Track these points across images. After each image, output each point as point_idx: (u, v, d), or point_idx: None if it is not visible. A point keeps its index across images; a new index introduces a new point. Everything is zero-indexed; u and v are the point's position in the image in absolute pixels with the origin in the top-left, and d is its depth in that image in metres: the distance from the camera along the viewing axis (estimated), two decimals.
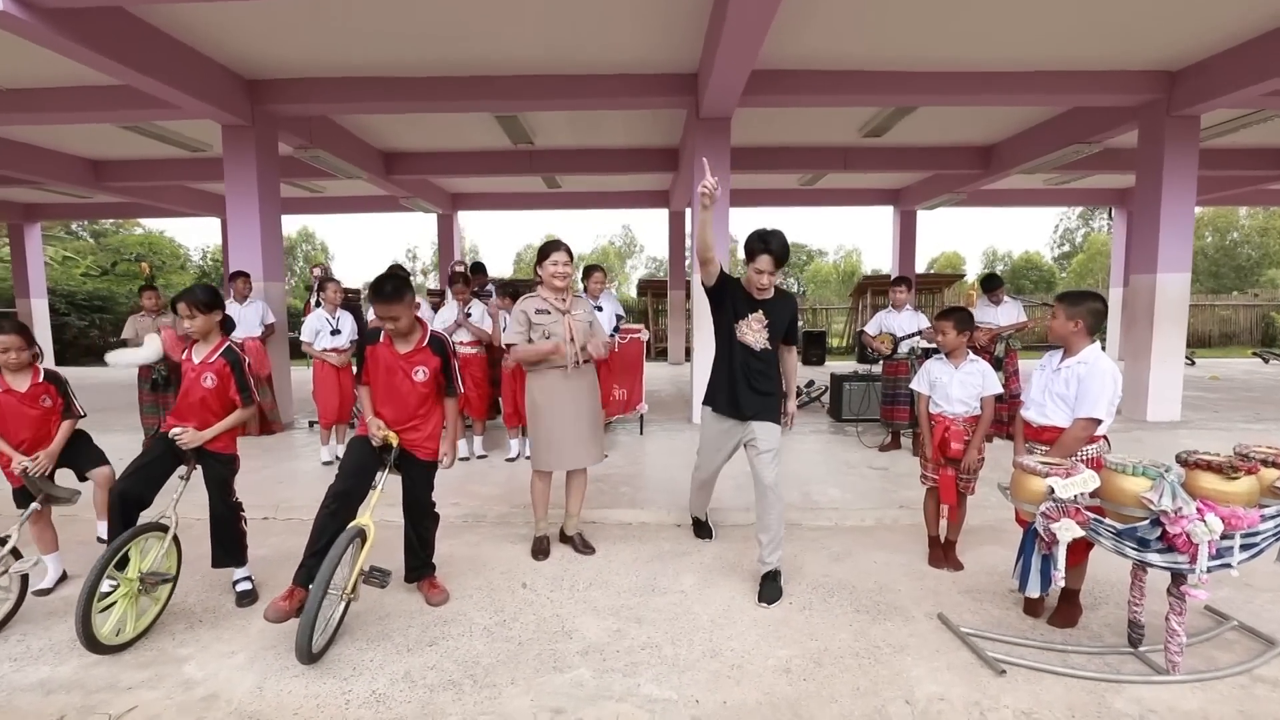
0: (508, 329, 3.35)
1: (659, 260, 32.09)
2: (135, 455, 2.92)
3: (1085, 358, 2.58)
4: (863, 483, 4.62)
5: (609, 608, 2.87)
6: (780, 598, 2.91)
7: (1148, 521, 2.14)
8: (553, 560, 3.40)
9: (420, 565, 3.00)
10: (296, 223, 38.29)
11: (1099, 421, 2.48)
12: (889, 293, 5.79)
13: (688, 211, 12.10)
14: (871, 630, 2.66)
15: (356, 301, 7.30)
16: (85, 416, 3.16)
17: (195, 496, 2.88)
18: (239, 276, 6.26)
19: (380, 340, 2.83)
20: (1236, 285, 25.32)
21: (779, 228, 2.93)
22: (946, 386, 3.17)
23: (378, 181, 9.83)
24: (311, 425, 6.49)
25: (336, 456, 5.19)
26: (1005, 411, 5.37)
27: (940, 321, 3.25)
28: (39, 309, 13.58)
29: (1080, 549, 2.47)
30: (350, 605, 2.65)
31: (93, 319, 16.93)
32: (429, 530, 3.00)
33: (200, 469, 2.91)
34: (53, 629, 2.72)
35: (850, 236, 54.76)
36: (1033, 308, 16.43)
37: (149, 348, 5.76)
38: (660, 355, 15.34)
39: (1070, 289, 2.93)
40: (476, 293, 5.79)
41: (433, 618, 2.79)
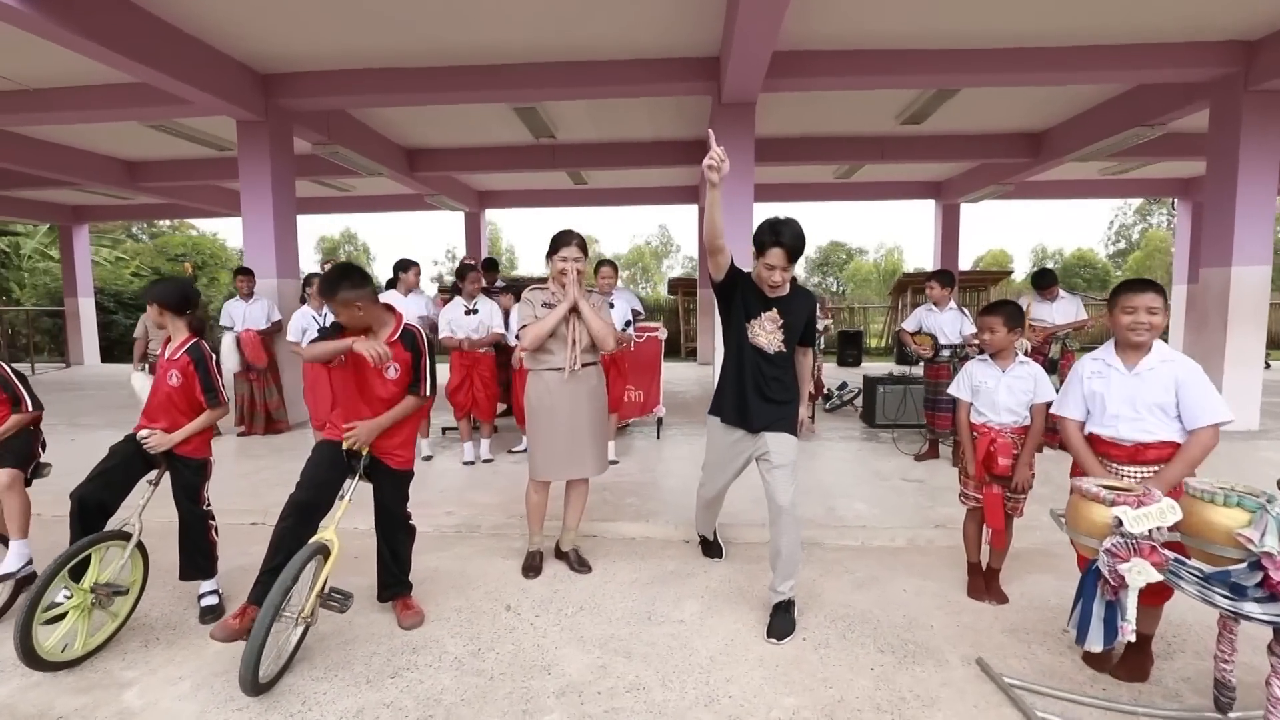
0: (519, 318, 3.08)
1: (694, 259, 31.70)
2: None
3: (1166, 355, 2.19)
4: (895, 496, 4.20)
5: (597, 638, 2.56)
6: (792, 632, 2.55)
7: (1245, 564, 1.72)
8: (544, 579, 3.10)
9: (394, 583, 2.74)
10: (339, 223, 39.41)
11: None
12: (926, 288, 5.27)
13: None
14: (897, 677, 2.28)
15: None
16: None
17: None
18: (243, 274, 6.18)
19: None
20: None
21: (793, 217, 2.56)
22: (992, 392, 2.75)
23: (401, 179, 9.76)
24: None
25: None
26: (1057, 419, 4.86)
27: (987, 318, 2.81)
28: (85, 307, 14.04)
29: (1156, 592, 2.05)
30: (310, 628, 2.41)
31: (138, 316, 17.48)
32: (404, 545, 2.75)
33: (169, 474, 2.72)
34: (6, 644, 2.55)
35: (891, 233, 53.28)
36: (1094, 305, 15.43)
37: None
38: (690, 355, 14.97)
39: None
40: (486, 290, 5.57)
41: (402, 643, 2.53)
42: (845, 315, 18.20)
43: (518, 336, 3.13)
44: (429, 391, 2.64)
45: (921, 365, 5.31)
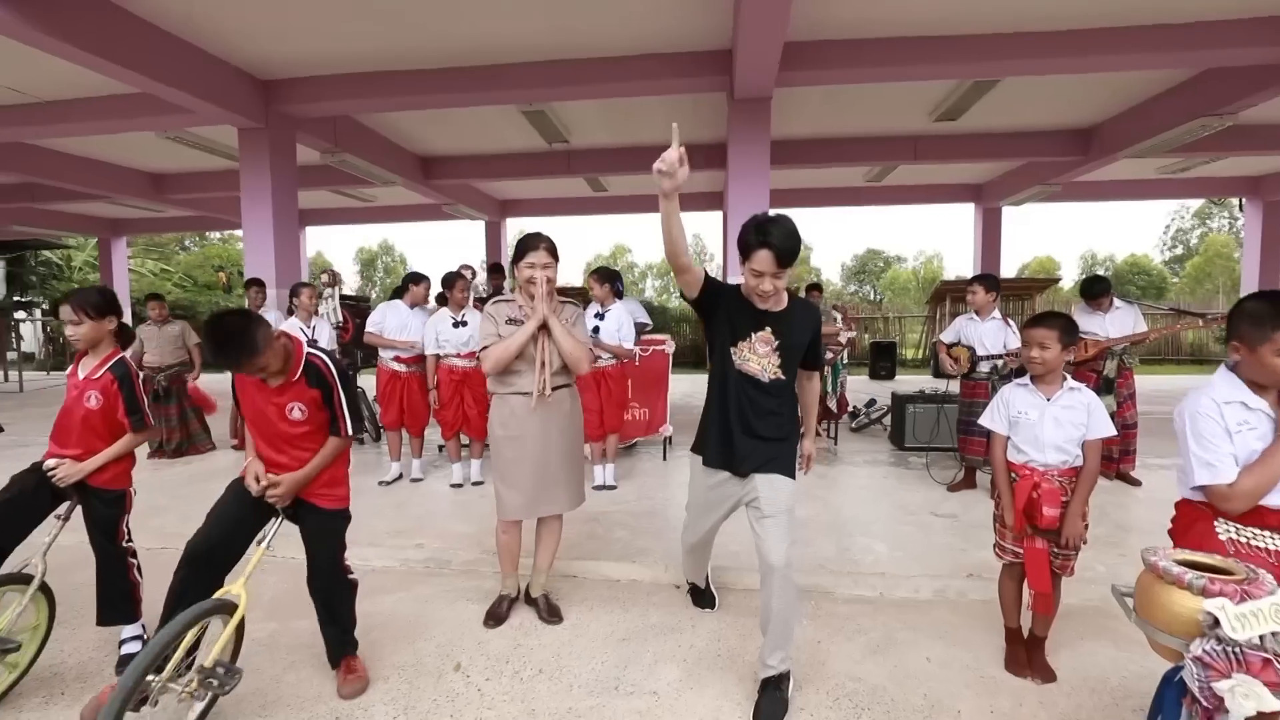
0: (480, 336, 2.70)
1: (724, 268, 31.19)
2: None
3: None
4: (921, 536, 3.68)
5: (550, 713, 2.16)
6: (783, 717, 2.10)
7: None
8: (507, 629, 2.72)
9: (338, 644, 2.34)
10: (377, 234, 40.13)
11: None
12: (967, 293, 4.69)
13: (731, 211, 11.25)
14: None
15: (356, 308, 6.83)
16: None
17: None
18: (253, 285, 6.03)
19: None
20: None
21: (786, 214, 2.13)
22: (1034, 426, 2.24)
23: (416, 187, 9.60)
24: None
25: None
26: (1115, 445, 4.26)
27: (1037, 330, 2.25)
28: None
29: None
30: (219, 697, 2.07)
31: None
32: (343, 604, 2.35)
33: (80, 508, 2.44)
34: None
35: (931, 240, 51.70)
36: (1156, 316, 14.30)
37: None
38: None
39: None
40: (484, 298, 5.25)
41: (325, 712, 2.17)
42: (880, 325, 17.45)
43: (478, 356, 2.75)
44: (349, 431, 2.27)
45: (957, 381, 4.77)
